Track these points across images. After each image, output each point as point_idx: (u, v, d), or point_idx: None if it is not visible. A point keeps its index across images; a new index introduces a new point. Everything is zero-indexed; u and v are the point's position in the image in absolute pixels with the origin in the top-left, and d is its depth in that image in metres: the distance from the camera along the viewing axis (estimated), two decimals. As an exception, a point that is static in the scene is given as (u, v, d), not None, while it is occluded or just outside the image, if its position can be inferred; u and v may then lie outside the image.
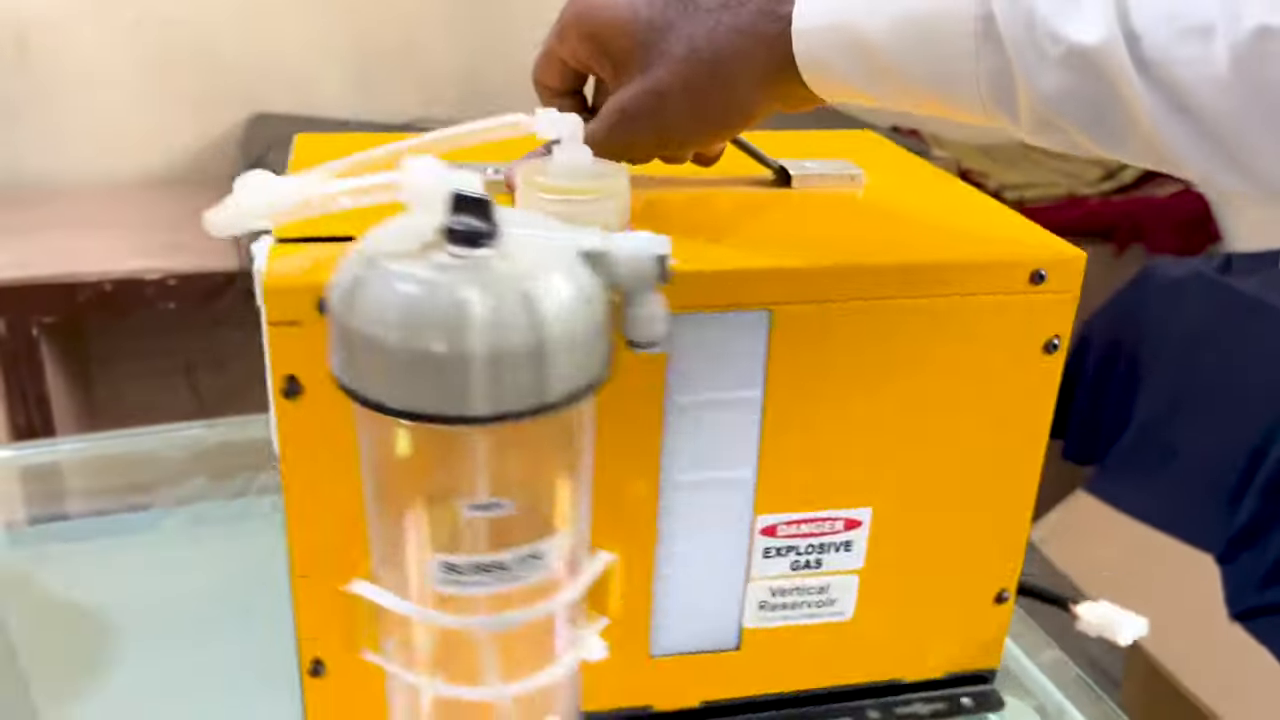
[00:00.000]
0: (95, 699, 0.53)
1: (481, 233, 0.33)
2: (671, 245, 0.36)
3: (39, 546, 0.68)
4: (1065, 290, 0.47)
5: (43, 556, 0.67)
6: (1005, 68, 0.39)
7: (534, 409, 0.33)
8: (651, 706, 0.52)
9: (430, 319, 0.32)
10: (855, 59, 0.41)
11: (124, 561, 0.66)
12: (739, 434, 0.47)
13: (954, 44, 0.39)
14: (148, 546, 0.67)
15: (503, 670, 0.40)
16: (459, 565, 0.36)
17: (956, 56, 0.39)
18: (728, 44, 0.43)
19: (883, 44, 0.40)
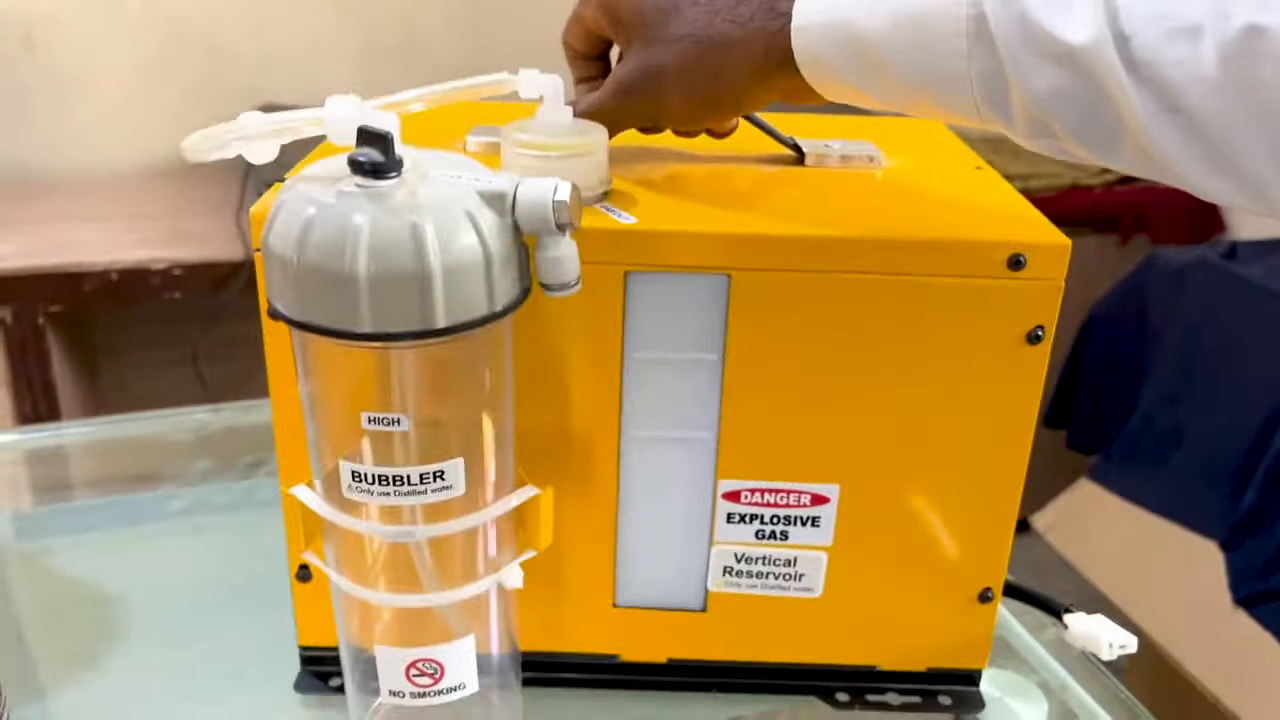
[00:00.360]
0: (102, 680, 0.54)
1: (381, 165, 0.36)
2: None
3: (45, 529, 0.69)
4: (1047, 278, 0.45)
5: (49, 539, 0.68)
6: (997, 68, 0.39)
7: (417, 333, 0.36)
8: (618, 656, 0.53)
9: (322, 239, 0.35)
10: (852, 56, 0.42)
11: (130, 544, 0.67)
12: (698, 396, 0.48)
13: (947, 43, 0.40)
14: (153, 529, 0.68)
15: (435, 586, 0.44)
16: (363, 473, 0.39)
17: (949, 55, 0.40)
18: (726, 34, 0.45)
19: (878, 42, 0.41)
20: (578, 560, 0.51)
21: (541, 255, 0.39)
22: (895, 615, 0.52)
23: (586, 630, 0.53)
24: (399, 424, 0.38)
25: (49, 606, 0.61)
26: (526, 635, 0.52)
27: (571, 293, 0.40)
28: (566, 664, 0.53)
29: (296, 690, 0.53)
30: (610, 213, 0.46)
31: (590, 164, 0.46)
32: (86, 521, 0.69)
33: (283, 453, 0.48)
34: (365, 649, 0.46)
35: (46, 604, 0.61)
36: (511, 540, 0.45)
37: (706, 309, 0.46)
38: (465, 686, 0.44)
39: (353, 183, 0.36)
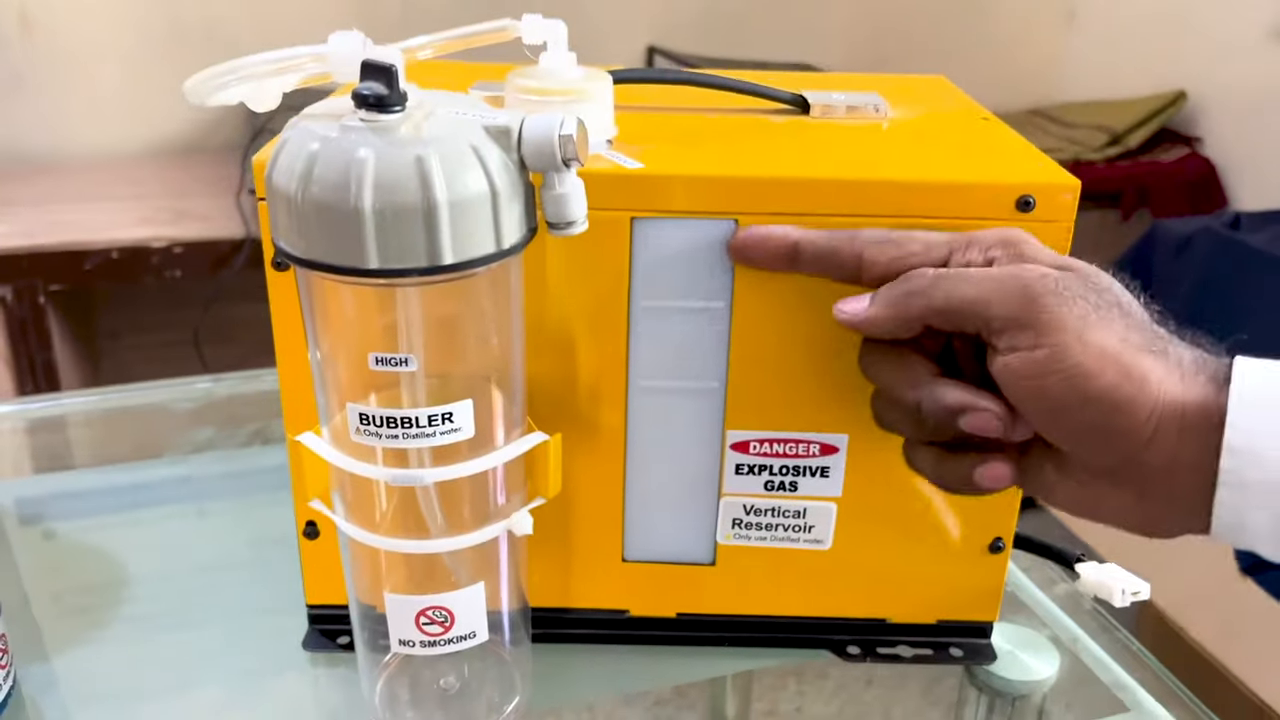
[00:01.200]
0: (107, 645, 0.54)
1: (385, 98, 0.35)
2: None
3: (47, 496, 0.69)
4: (1057, 220, 0.45)
5: (51, 506, 0.68)
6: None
7: (424, 269, 0.36)
8: (627, 611, 0.53)
9: (326, 174, 0.35)
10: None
11: (133, 510, 0.66)
12: (706, 345, 0.47)
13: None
14: (156, 495, 0.68)
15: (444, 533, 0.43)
16: (370, 416, 0.39)
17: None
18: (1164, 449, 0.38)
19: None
20: (585, 515, 0.51)
21: (547, 193, 0.38)
22: (905, 567, 0.52)
23: (595, 586, 0.53)
24: (406, 364, 0.38)
25: (52, 572, 0.61)
26: (535, 592, 0.52)
27: (577, 231, 0.39)
28: (575, 620, 0.53)
29: (304, 649, 0.52)
30: (615, 158, 0.45)
31: (594, 110, 0.46)
32: (88, 488, 0.69)
33: (288, 403, 0.48)
34: (374, 605, 0.46)
35: (49, 569, 0.61)
36: (521, 489, 0.45)
37: (714, 255, 0.46)
38: (476, 635, 0.44)
39: (357, 117, 0.36)
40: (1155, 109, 1.86)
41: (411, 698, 0.49)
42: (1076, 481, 0.41)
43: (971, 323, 0.40)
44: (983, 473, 0.41)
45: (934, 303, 0.40)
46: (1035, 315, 0.38)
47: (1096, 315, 0.38)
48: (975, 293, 0.39)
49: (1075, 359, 0.37)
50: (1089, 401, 0.37)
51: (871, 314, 0.42)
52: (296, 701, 0.52)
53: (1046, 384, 0.38)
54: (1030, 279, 0.39)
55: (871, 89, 0.57)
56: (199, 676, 0.52)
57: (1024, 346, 0.38)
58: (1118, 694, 0.52)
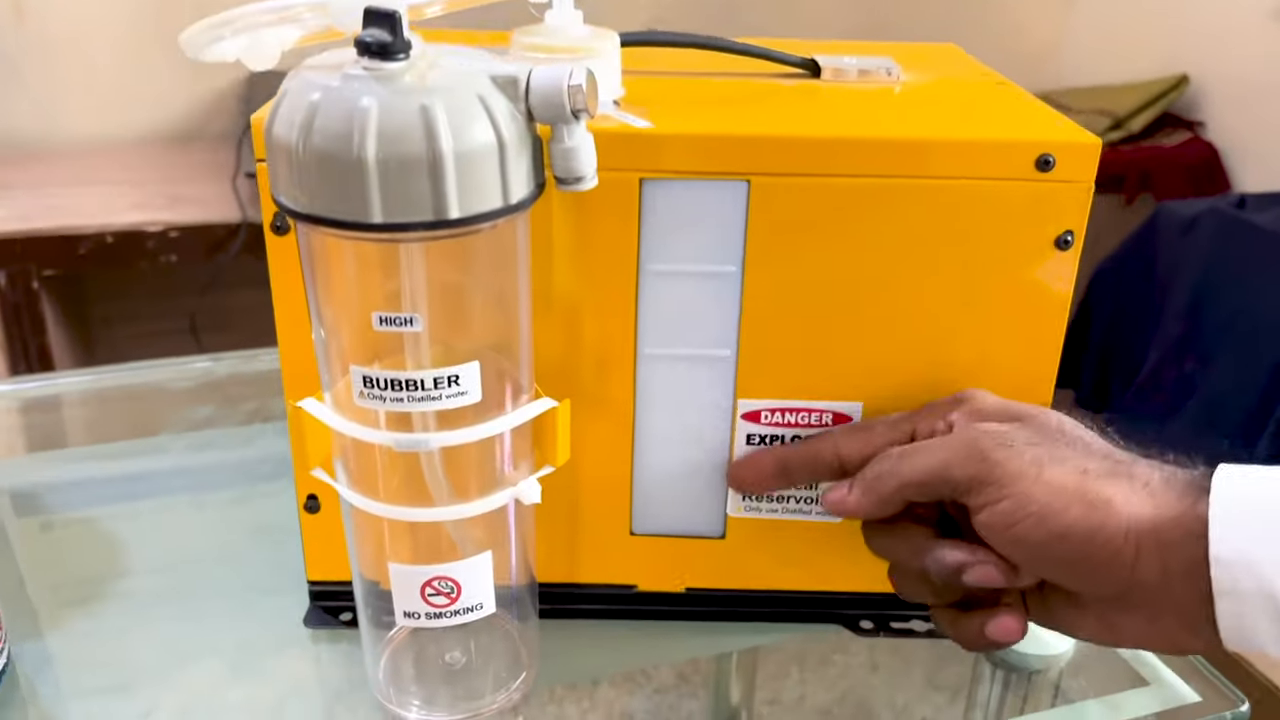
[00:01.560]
0: (103, 625, 0.52)
1: (388, 45, 0.34)
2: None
3: (45, 474, 0.67)
4: (1077, 179, 0.44)
5: (47, 483, 0.66)
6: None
7: (429, 223, 0.34)
8: (635, 586, 0.52)
9: (328, 124, 0.34)
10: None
11: (130, 487, 0.65)
12: (716, 311, 0.46)
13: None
14: (154, 472, 0.66)
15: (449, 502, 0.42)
16: (374, 378, 0.38)
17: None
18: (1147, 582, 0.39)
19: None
20: (593, 487, 0.50)
21: (556, 146, 0.37)
22: (920, 539, 0.51)
23: (603, 560, 0.51)
24: (411, 324, 0.37)
25: (48, 553, 0.59)
26: (543, 567, 0.50)
27: (587, 187, 0.38)
28: (583, 595, 0.52)
29: (306, 625, 0.51)
30: (623, 118, 0.44)
31: (602, 68, 0.45)
32: (84, 466, 0.68)
33: (289, 372, 0.47)
34: (378, 581, 0.45)
35: (45, 550, 0.60)
36: (529, 456, 0.43)
37: (725, 218, 0.45)
38: (483, 606, 0.43)
39: (359, 66, 0.35)
40: (1157, 93, 1.85)
41: (416, 674, 0.48)
42: (1093, 615, 0.41)
43: (941, 489, 0.42)
44: (992, 628, 0.43)
45: (903, 478, 0.42)
46: (989, 470, 0.40)
47: (1049, 456, 0.40)
48: (934, 462, 0.42)
49: (1037, 502, 0.39)
50: (1061, 538, 0.39)
51: (852, 501, 0.44)
52: (298, 679, 0.50)
53: (1020, 531, 0.39)
54: (977, 437, 0.41)
55: (883, 55, 0.56)
56: (197, 654, 0.51)
57: (990, 501, 0.40)
58: (1136, 668, 0.51)
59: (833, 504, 0.45)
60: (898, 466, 0.43)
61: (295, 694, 0.50)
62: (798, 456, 0.47)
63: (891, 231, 0.45)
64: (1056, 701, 0.51)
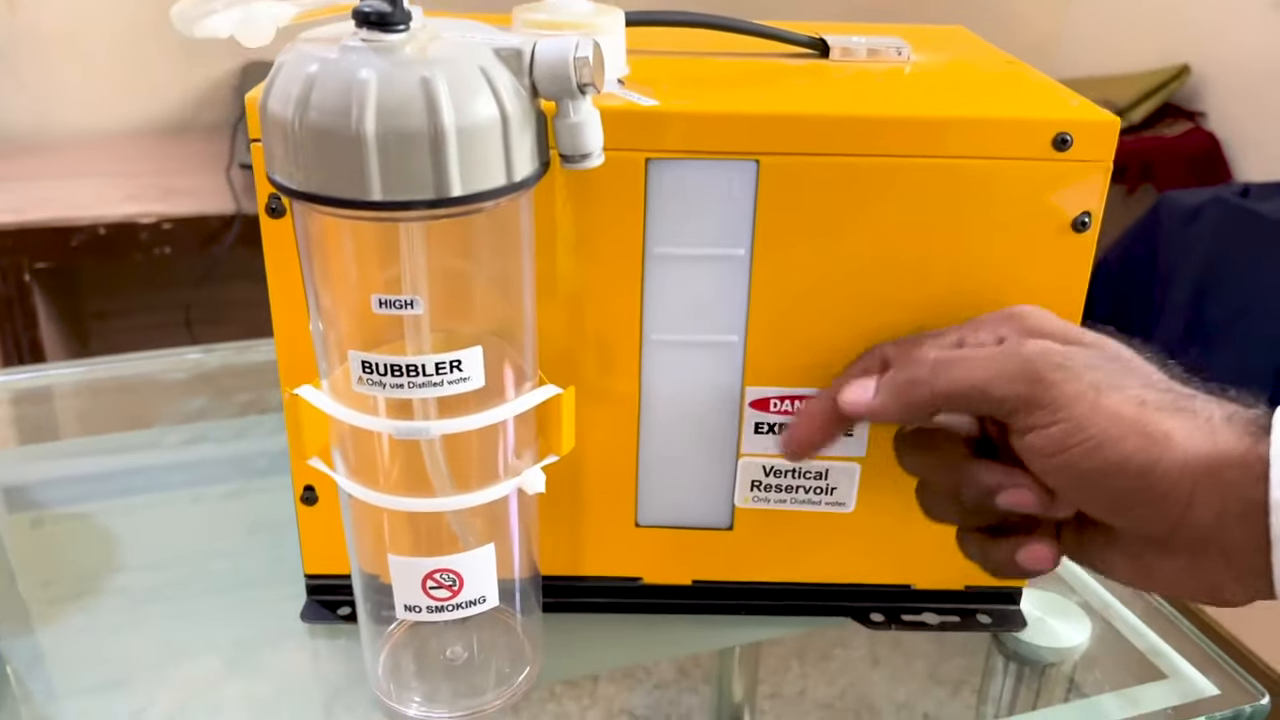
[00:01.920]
0: (97, 620, 0.51)
1: (388, 16, 0.33)
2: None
3: (37, 468, 0.66)
4: (1095, 159, 0.43)
5: (41, 478, 0.65)
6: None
7: (430, 202, 0.33)
8: (641, 578, 0.51)
9: (325, 97, 0.32)
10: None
11: (124, 480, 0.64)
12: (724, 295, 0.45)
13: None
14: (148, 465, 0.65)
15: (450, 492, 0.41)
16: (374, 364, 0.36)
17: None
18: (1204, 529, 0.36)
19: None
20: (597, 477, 0.48)
21: (561, 122, 0.36)
22: (932, 530, 0.49)
23: (607, 552, 0.50)
24: (412, 306, 0.35)
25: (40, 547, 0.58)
26: (546, 559, 0.49)
27: (593, 165, 0.37)
28: (587, 588, 0.51)
29: (303, 620, 0.50)
30: (628, 96, 0.43)
31: (607, 45, 0.43)
32: (77, 460, 0.66)
33: (284, 361, 0.45)
34: (378, 574, 0.43)
35: (37, 544, 0.58)
36: (532, 445, 0.42)
37: (733, 199, 0.43)
38: (486, 600, 0.41)
39: (358, 38, 0.33)
40: (1158, 83, 1.84)
41: (417, 669, 0.47)
42: (1129, 554, 0.39)
43: (981, 406, 0.39)
44: (1024, 555, 0.41)
45: (936, 389, 0.39)
46: (1043, 392, 0.37)
47: (1108, 382, 0.37)
48: (975, 376, 0.39)
49: (1092, 430, 0.36)
50: (1114, 470, 0.36)
51: (876, 404, 0.41)
52: (295, 674, 0.49)
53: (1069, 458, 0.37)
54: (1031, 355, 0.38)
55: (891, 36, 0.55)
56: (192, 650, 0.50)
57: (1039, 425, 0.37)
58: (1153, 660, 0.50)
59: (853, 404, 0.41)
60: (933, 376, 0.39)
61: (292, 690, 0.48)
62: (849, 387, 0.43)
63: (904, 213, 0.43)
64: (1070, 696, 0.50)
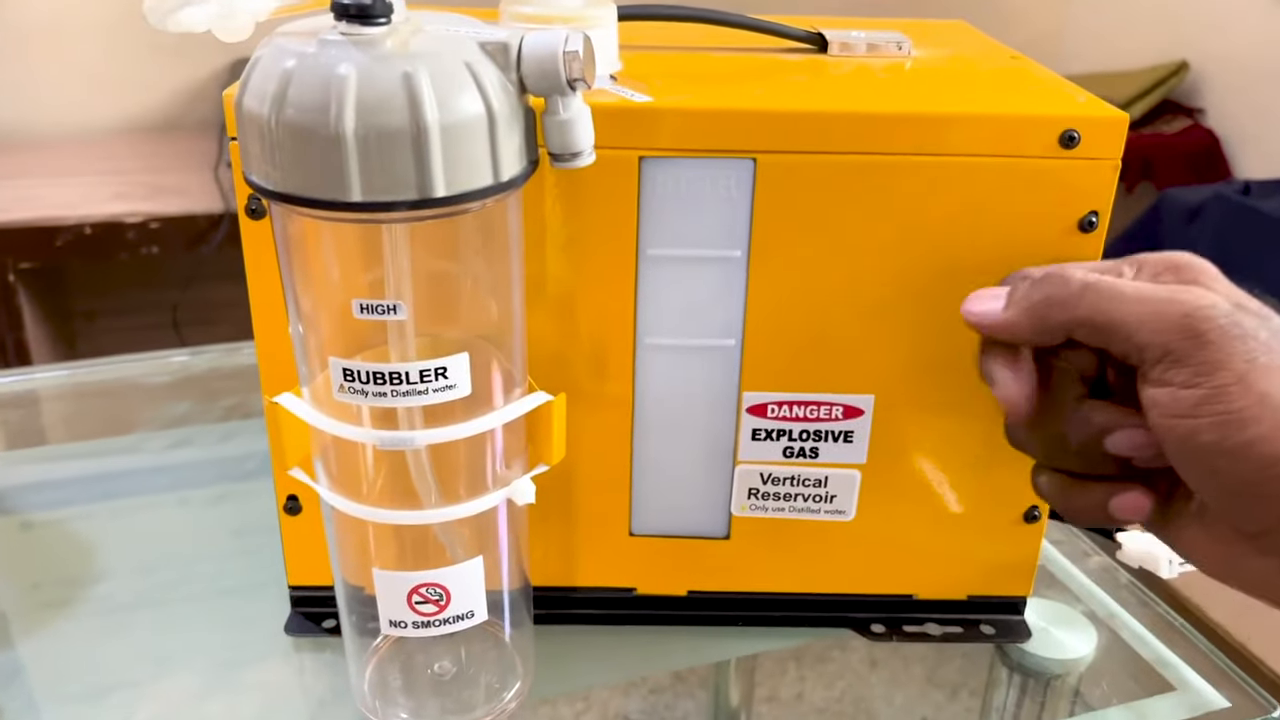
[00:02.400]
0: (77, 632, 0.50)
1: (368, 8, 0.31)
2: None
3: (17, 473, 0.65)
4: (1103, 156, 0.42)
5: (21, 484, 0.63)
6: None
7: (413, 203, 0.32)
8: (635, 589, 0.49)
9: (303, 93, 0.31)
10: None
11: (106, 487, 0.63)
12: (720, 298, 0.44)
13: None
14: (130, 472, 0.64)
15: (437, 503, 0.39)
16: (355, 371, 0.35)
17: None
18: None
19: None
20: (590, 486, 0.47)
21: (550, 119, 0.35)
22: (934, 539, 0.48)
23: (601, 562, 0.49)
24: (395, 312, 0.34)
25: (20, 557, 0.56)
26: (537, 570, 0.48)
27: (584, 164, 0.35)
28: (579, 599, 0.49)
29: (287, 633, 0.49)
30: (621, 92, 0.41)
31: (598, 40, 0.42)
32: (59, 466, 0.65)
33: (265, 366, 0.44)
34: (363, 586, 0.42)
35: (17, 554, 0.57)
36: (522, 454, 0.41)
37: (730, 198, 0.42)
38: (474, 615, 0.40)
39: (337, 31, 0.32)
40: (1157, 80, 1.83)
41: (404, 684, 0.45)
42: (1220, 543, 0.36)
43: (1119, 345, 0.35)
44: (1119, 502, 0.38)
45: (1078, 315, 0.36)
46: (1195, 350, 0.34)
47: (1267, 359, 0.34)
48: (1127, 313, 0.35)
49: (1233, 404, 0.33)
50: (1239, 453, 0.33)
51: (1006, 319, 0.38)
52: (279, 689, 0.48)
53: (1194, 426, 0.33)
54: (1196, 306, 0.34)
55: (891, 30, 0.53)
56: (174, 663, 0.48)
57: (1176, 382, 0.34)
58: (1161, 672, 0.49)
59: (980, 316, 0.38)
60: (1078, 299, 0.36)
61: (276, 705, 0.47)
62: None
63: (906, 213, 0.42)
64: (1076, 708, 0.49)
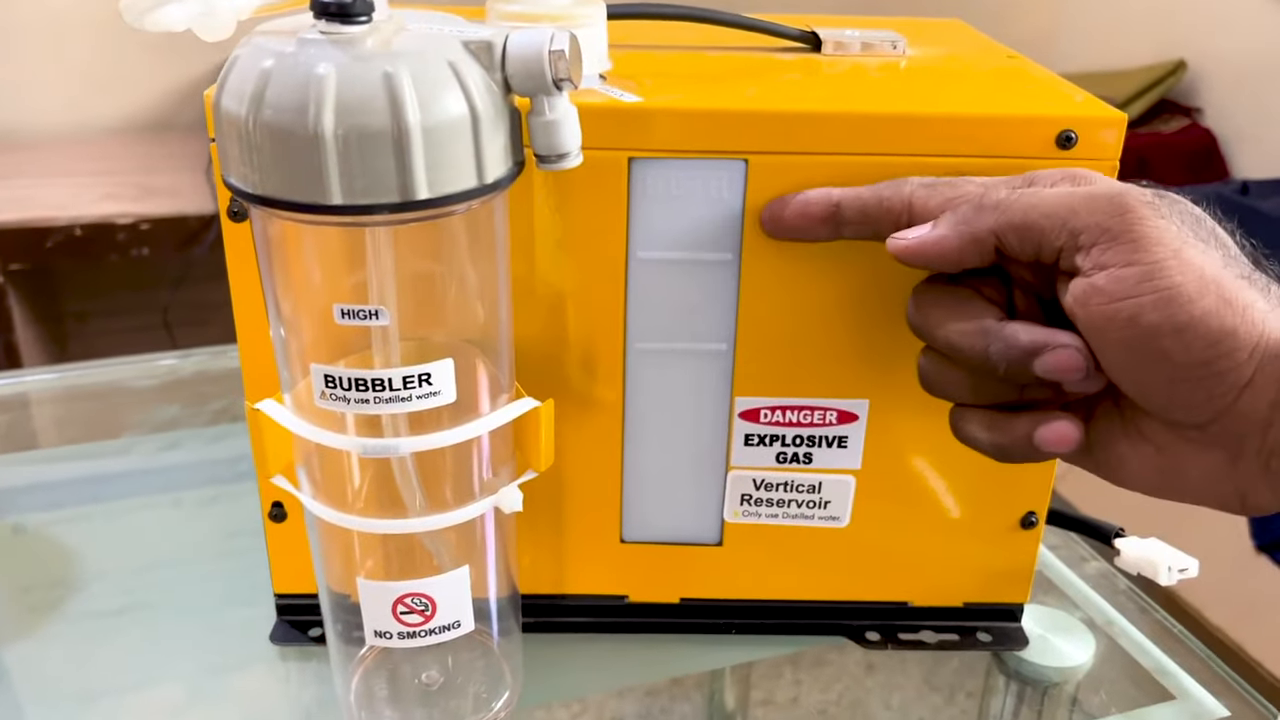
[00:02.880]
0: (61, 638, 0.50)
1: (348, 6, 0.30)
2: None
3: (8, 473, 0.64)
4: (1101, 158, 0.41)
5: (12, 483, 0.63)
6: None
7: (395, 205, 0.31)
8: (626, 596, 0.49)
9: (281, 94, 0.30)
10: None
11: (94, 491, 0.62)
12: (712, 302, 0.43)
13: None
14: (117, 477, 0.63)
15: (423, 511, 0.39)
16: (337, 378, 0.34)
17: None
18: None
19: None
20: (580, 493, 0.46)
21: (535, 120, 0.34)
22: (929, 545, 0.48)
23: (591, 570, 0.48)
24: (377, 317, 0.33)
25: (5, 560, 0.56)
26: (526, 577, 0.47)
27: (571, 165, 0.35)
28: (570, 607, 0.49)
29: (273, 641, 0.48)
30: (610, 92, 0.41)
31: (587, 39, 0.41)
32: (46, 471, 0.64)
33: (249, 371, 0.43)
34: (348, 594, 0.41)
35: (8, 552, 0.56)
36: (509, 461, 0.40)
37: (721, 200, 0.41)
38: (460, 625, 0.39)
39: (316, 30, 0.31)
40: (1154, 79, 1.82)
41: (390, 694, 0.44)
42: (1154, 448, 0.36)
43: (1053, 238, 0.34)
44: (1044, 433, 0.36)
45: (1010, 216, 0.35)
46: (1129, 226, 0.33)
47: (1195, 237, 0.34)
48: (1059, 204, 0.35)
49: (1172, 278, 0.32)
50: (1184, 329, 0.32)
51: (937, 235, 0.36)
52: (264, 699, 0.47)
53: (1135, 307, 0.33)
54: (1123, 189, 0.34)
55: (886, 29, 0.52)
56: (159, 671, 0.48)
57: (1115, 264, 0.33)
58: (1160, 680, 0.48)
59: (909, 241, 0.37)
60: (1009, 203, 0.35)
61: (261, 715, 0.46)
62: (859, 201, 0.39)
63: (901, 215, 0.41)
64: (1074, 717, 0.49)
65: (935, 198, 0.38)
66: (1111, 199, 0.34)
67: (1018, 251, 0.36)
